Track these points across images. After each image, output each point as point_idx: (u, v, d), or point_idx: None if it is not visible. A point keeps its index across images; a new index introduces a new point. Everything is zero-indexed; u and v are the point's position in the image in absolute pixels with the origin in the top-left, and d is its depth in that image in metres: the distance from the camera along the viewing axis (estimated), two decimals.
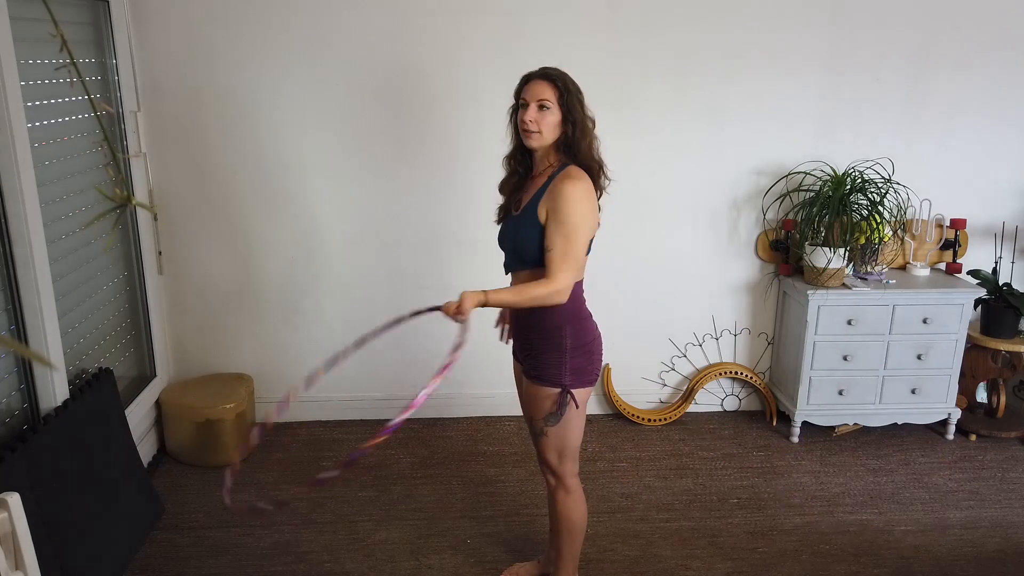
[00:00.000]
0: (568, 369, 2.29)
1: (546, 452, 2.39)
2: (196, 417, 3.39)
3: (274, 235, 3.63)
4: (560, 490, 2.45)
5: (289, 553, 2.88)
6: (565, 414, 2.31)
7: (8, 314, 2.53)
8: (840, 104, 3.64)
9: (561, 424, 2.32)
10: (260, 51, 3.39)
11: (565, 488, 2.45)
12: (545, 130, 2.21)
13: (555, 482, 2.45)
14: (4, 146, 2.40)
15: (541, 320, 2.29)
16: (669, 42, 3.50)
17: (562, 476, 2.43)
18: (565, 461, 2.41)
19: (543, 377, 2.32)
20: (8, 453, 2.28)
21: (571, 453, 2.40)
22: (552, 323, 2.28)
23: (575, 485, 2.46)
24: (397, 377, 3.83)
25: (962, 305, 3.54)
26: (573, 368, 2.30)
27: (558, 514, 2.48)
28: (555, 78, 2.21)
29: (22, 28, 2.49)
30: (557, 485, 2.45)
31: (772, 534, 3.03)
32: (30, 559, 1.95)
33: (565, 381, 2.29)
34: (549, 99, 2.19)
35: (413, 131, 3.53)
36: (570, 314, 2.29)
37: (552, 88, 2.19)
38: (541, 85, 2.20)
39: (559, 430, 2.34)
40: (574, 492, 2.46)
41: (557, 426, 2.32)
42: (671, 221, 3.73)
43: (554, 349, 2.29)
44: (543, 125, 2.20)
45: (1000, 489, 3.35)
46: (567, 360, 2.29)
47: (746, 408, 4.04)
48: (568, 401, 2.29)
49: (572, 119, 2.21)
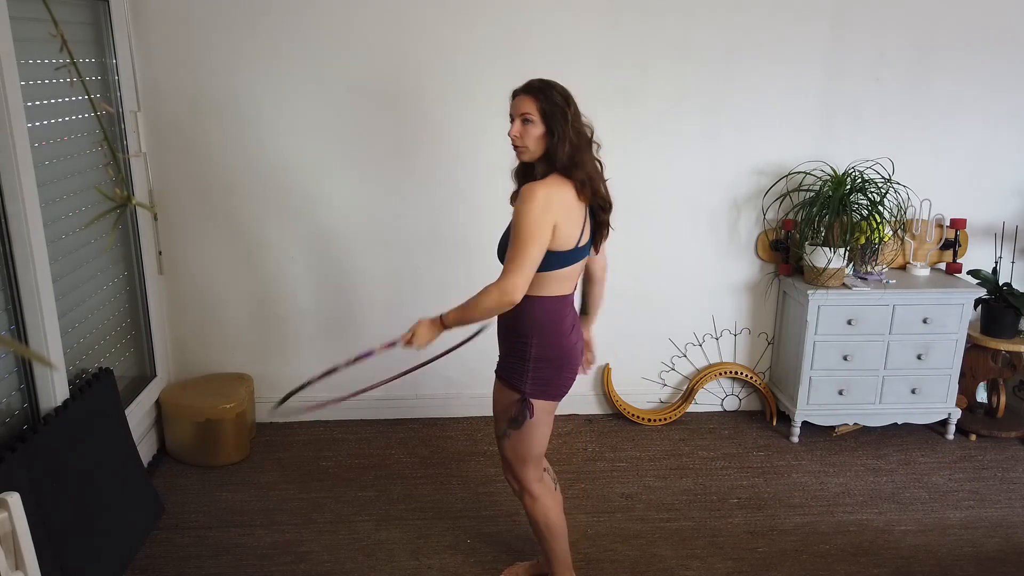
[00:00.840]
0: (530, 378, 2.29)
1: (507, 453, 2.42)
2: (196, 417, 3.39)
3: (274, 235, 3.63)
4: (525, 496, 2.47)
5: (289, 553, 2.88)
6: (523, 423, 2.31)
7: (8, 314, 2.53)
8: (840, 104, 3.64)
9: (524, 430, 2.33)
10: (260, 51, 3.39)
11: (530, 494, 2.46)
12: (531, 144, 2.21)
13: (519, 488, 2.48)
14: (4, 146, 2.40)
15: (511, 326, 2.32)
16: (669, 42, 3.50)
17: (524, 482, 2.44)
18: (526, 467, 2.42)
19: (505, 378, 2.35)
20: (8, 453, 2.29)
21: (532, 460, 2.41)
22: (520, 331, 2.30)
23: (540, 490, 2.46)
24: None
25: (962, 305, 3.54)
26: (536, 378, 2.30)
27: (530, 519, 2.51)
28: (537, 90, 2.20)
29: (22, 28, 2.49)
30: (521, 491, 2.48)
31: (772, 534, 3.03)
32: (30, 559, 1.94)
33: (525, 389, 2.30)
34: (531, 112, 2.18)
35: (413, 131, 3.53)
36: (540, 326, 2.28)
37: (533, 101, 2.19)
38: (523, 99, 2.21)
39: (520, 436, 2.35)
40: (540, 496, 2.46)
41: (520, 431, 2.33)
42: (671, 221, 3.73)
43: (518, 356, 2.31)
44: (527, 139, 2.20)
45: (1000, 489, 3.35)
46: (530, 369, 2.29)
47: (746, 408, 4.04)
48: (526, 410, 2.29)
49: (552, 130, 2.18)
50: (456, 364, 3.82)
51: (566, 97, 2.21)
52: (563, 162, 2.19)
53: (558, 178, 2.21)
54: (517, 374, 2.31)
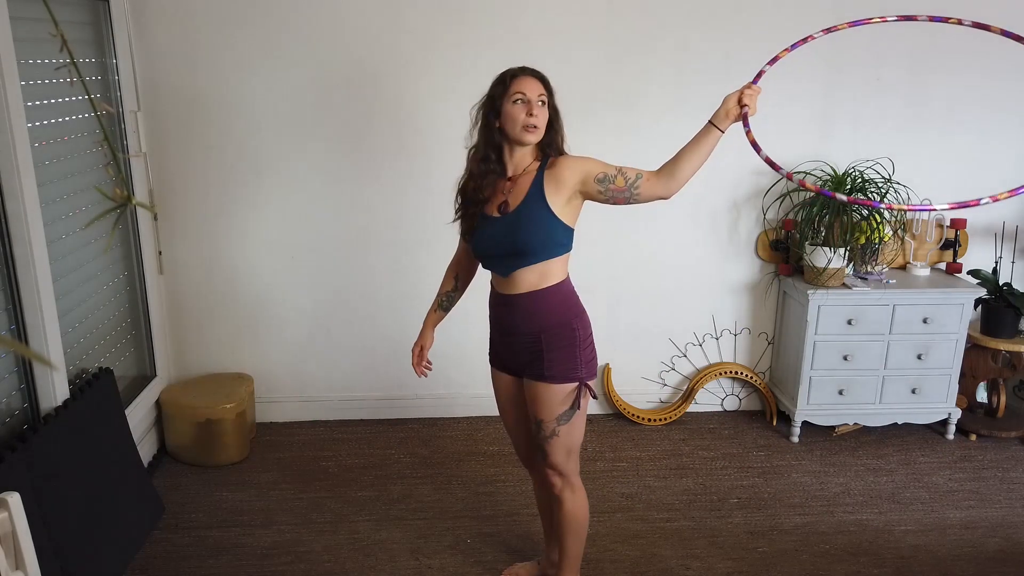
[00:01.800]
0: (582, 361, 2.30)
1: (555, 453, 2.36)
2: (196, 417, 3.39)
3: (274, 235, 3.63)
4: (567, 489, 2.43)
5: (289, 553, 2.88)
6: (575, 412, 2.31)
7: (8, 314, 2.53)
8: (840, 104, 3.64)
9: (575, 419, 2.33)
10: (260, 51, 3.39)
11: (571, 487, 2.43)
12: (542, 125, 2.24)
13: (561, 483, 2.42)
14: (4, 146, 2.40)
15: (549, 318, 2.28)
16: (669, 41, 3.50)
17: (569, 475, 2.41)
18: (572, 459, 2.40)
19: (558, 375, 2.28)
20: (8, 453, 2.28)
21: (577, 450, 2.41)
22: (562, 319, 2.29)
23: (580, 483, 2.45)
24: (397, 377, 3.83)
25: (962, 305, 3.54)
26: (586, 360, 2.32)
27: (565, 514, 2.45)
28: (541, 75, 2.26)
29: (22, 28, 2.49)
30: (564, 485, 2.43)
31: (772, 534, 3.03)
32: (30, 559, 1.94)
33: (582, 374, 2.30)
34: (545, 94, 2.24)
35: (412, 131, 3.53)
36: (576, 308, 2.32)
37: (542, 84, 2.24)
38: (534, 82, 2.23)
39: (568, 428, 2.33)
40: (579, 490, 2.45)
41: (571, 422, 2.32)
42: (671, 221, 3.73)
43: (567, 345, 2.28)
44: (540, 120, 2.23)
45: (1000, 489, 3.35)
46: (580, 353, 2.29)
47: (746, 408, 4.04)
48: (585, 394, 2.31)
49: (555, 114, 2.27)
50: (456, 364, 3.85)
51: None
52: (558, 145, 2.29)
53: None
54: (571, 365, 2.29)
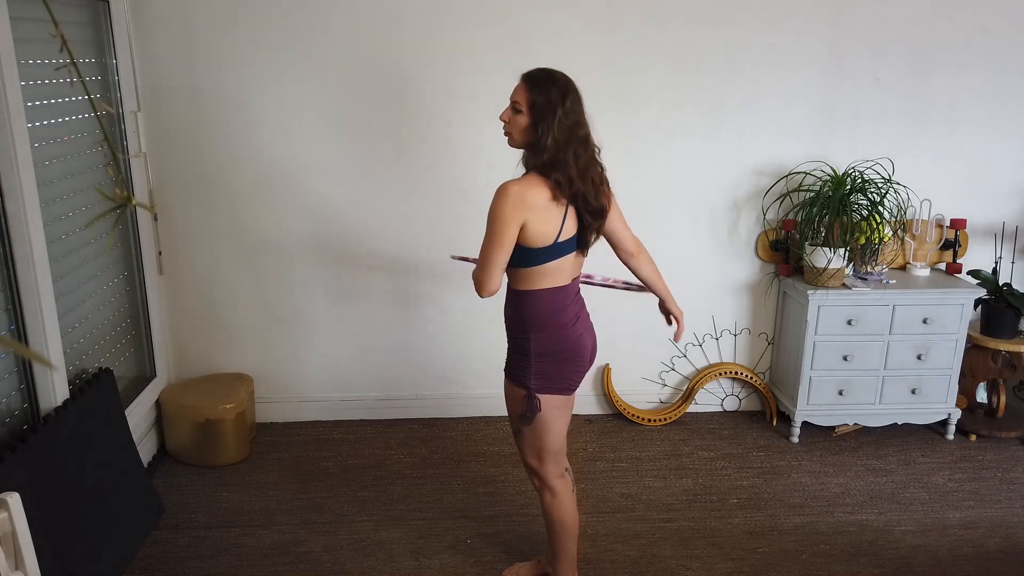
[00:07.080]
0: (533, 373, 2.29)
1: (525, 453, 2.42)
2: (196, 417, 3.38)
3: (274, 235, 3.63)
4: (545, 492, 2.46)
5: (289, 553, 2.88)
6: (532, 418, 2.31)
7: (8, 314, 2.53)
8: (840, 104, 3.64)
9: (536, 425, 2.33)
10: (260, 51, 3.39)
11: (550, 490, 2.45)
12: (515, 132, 2.19)
13: (539, 484, 2.47)
14: (4, 146, 2.40)
15: (511, 323, 2.33)
16: (669, 42, 3.50)
17: (544, 478, 2.44)
18: (544, 463, 2.41)
19: (510, 375, 2.36)
20: (8, 453, 2.29)
21: (551, 455, 2.40)
22: (519, 327, 2.30)
23: (560, 487, 2.46)
24: (397, 377, 3.83)
25: (962, 305, 3.54)
26: (539, 373, 2.29)
27: (546, 515, 2.51)
28: (535, 81, 2.15)
29: (22, 28, 2.49)
30: (541, 487, 2.47)
31: (772, 534, 3.03)
32: (30, 559, 1.95)
33: (530, 384, 2.29)
34: (521, 102, 2.15)
35: (414, 131, 3.53)
36: (537, 320, 2.26)
37: (527, 91, 2.15)
38: (520, 87, 2.18)
39: (534, 432, 2.35)
40: (560, 494, 2.46)
41: (532, 427, 2.33)
42: (671, 221, 3.73)
43: (521, 352, 2.31)
44: (513, 127, 2.18)
45: (1000, 489, 3.35)
46: (532, 364, 2.28)
47: (746, 408, 4.04)
48: (533, 405, 2.29)
49: (538, 125, 2.13)
50: (456, 364, 3.85)
51: (564, 94, 2.14)
52: (542, 159, 2.15)
53: (535, 176, 2.17)
54: (521, 370, 2.31)
